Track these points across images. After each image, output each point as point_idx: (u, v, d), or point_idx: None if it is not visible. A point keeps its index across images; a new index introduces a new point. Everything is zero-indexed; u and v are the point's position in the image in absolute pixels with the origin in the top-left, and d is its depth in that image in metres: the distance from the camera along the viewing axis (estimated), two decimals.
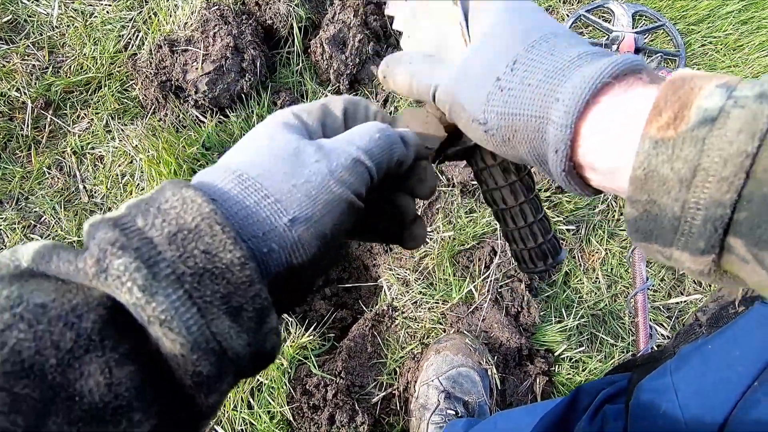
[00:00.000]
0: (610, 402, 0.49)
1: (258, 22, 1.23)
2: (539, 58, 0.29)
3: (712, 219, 0.23)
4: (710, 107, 0.23)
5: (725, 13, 1.55)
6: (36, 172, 1.15)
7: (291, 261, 0.27)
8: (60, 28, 1.24)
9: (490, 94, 0.30)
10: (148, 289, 0.22)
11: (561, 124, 0.27)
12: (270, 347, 0.26)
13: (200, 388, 0.24)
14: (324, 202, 0.28)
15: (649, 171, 0.24)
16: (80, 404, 0.20)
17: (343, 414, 0.94)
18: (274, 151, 0.29)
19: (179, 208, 0.24)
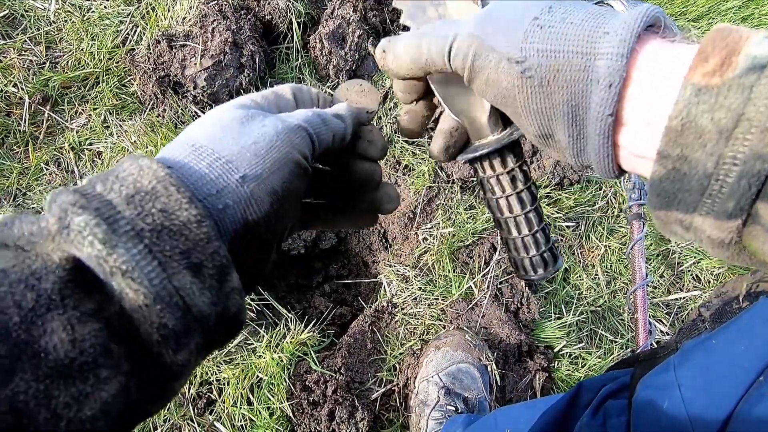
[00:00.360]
0: (613, 397, 0.49)
1: (257, 18, 1.22)
2: (573, 5, 0.28)
3: (748, 174, 0.22)
4: (760, 54, 0.22)
5: (725, 9, 1.55)
6: (34, 168, 1.15)
7: (246, 216, 0.28)
8: (57, 23, 1.23)
9: (527, 32, 0.28)
10: (108, 242, 0.23)
11: (616, 53, 0.25)
12: (234, 309, 0.27)
13: (167, 343, 0.24)
14: (272, 160, 0.30)
15: (687, 121, 0.23)
16: (46, 360, 0.21)
17: (343, 410, 0.94)
18: (224, 122, 0.31)
19: (136, 174, 0.26)
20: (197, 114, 1.18)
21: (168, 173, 0.26)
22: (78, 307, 0.22)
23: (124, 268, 0.23)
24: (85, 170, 1.17)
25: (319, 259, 1.25)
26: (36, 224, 0.24)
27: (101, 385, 0.22)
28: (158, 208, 0.25)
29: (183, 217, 0.25)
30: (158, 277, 0.24)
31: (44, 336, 0.21)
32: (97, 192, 0.25)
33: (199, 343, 0.26)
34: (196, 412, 0.97)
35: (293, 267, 1.23)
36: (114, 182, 0.25)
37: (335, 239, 1.21)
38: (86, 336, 0.22)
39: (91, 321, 0.22)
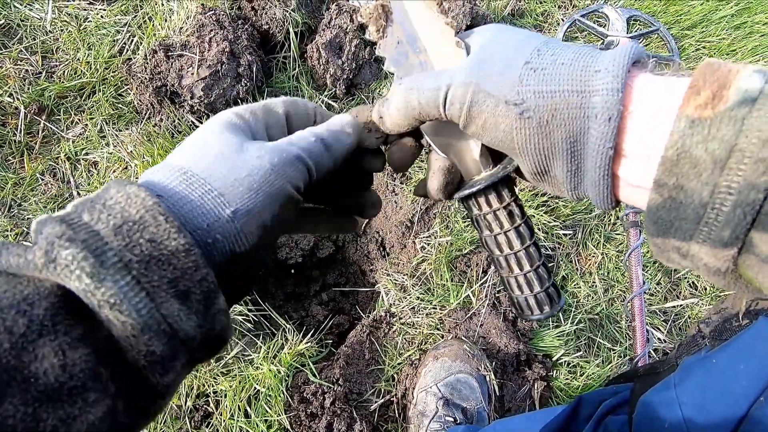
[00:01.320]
0: (613, 413, 0.49)
1: (254, 27, 1.22)
2: (560, 47, 0.29)
3: (743, 204, 0.22)
4: (750, 88, 0.23)
5: (718, 18, 1.56)
6: (29, 179, 1.14)
7: (234, 249, 0.29)
8: (53, 33, 1.23)
9: (522, 75, 0.29)
10: (96, 276, 0.23)
11: (611, 88, 0.26)
12: (219, 329, 0.28)
13: (154, 368, 0.25)
14: (265, 194, 0.30)
15: (682, 151, 0.24)
16: (36, 385, 0.21)
17: (341, 422, 0.94)
18: (217, 149, 0.30)
19: (123, 203, 0.26)
20: (194, 124, 1.18)
21: (156, 202, 0.26)
22: (69, 333, 0.23)
23: (112, 301, 0.23)
24: (81, 180, 1.16)
25: (316, 268, 1.25)
26: (22, 257, 0.24)
27: (89, 408, 0.23)
28: (146, 238, 0.25)
29: (171, 247, 0.25)
30: (146, 308, 0.24)
31: (35, 362, 0.21)
32: (83, 222, 0.25)
33: (184, 364, 0.27)
34: (192, 425, 0.96)
35: (290, 276, 1.23)
36: (101, 211, 0.25)
37: (333, 248, 1.21)
38: (76, 360, 0.22)
39: (81, 346, 0.23)
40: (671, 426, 0.39)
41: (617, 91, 0.26)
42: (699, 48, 1.53)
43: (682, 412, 0.39)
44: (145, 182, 0.29)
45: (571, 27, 1.51)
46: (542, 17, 1.54)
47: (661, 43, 1.54)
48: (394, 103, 0.34)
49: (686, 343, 0.47)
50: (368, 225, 1.24)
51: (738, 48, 1.53)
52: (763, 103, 0.22)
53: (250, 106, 0.35)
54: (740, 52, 1.52)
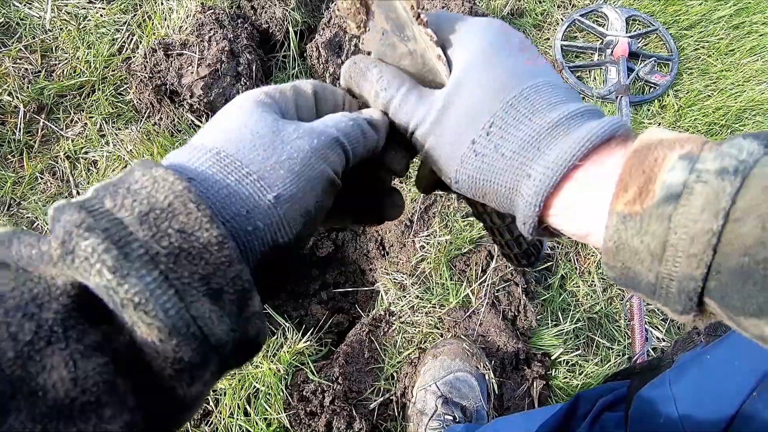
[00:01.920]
0: (610, 409, 0.49)
1: (253, 26, 1.23)
2: (516, 122, 0.29)
3: (685, 290, 0.23)
4: (673, 183, 0.23)
5: (717, 17, 1.56)
6: (28, 177, 1.14)
7: (276, 239, 0.26)
8: (53, 32, 1.23)
9: (464, 156, 0.30)
10: (119, 271, 0.20)
11: (530, 202, 0.28)
12: (254, 333, 0.25)
13: (182, 377, 0.22)
14: (307, 179, 0.27)
15: (619, 243, 0.25)
16: (44, 400, 0.19)
17: (341, 420, 0.94)
18: (252, 128, 0.28)
19: (150, 188, 0.23)
20: (194, 123, 1.18)
21: (186, 187, 0.23)
22: (82, 340, 0.20)
23: (137, 300, 0.20)
24: (80, 179, 1.16)
25: (316, 267, 1.25)
26: (36, 247, 0.21)
27: (104, 424, 0.20)
28: (176, 228, 0.22)
29: (203, 239, 0.22)
30: (174, 308, 0.21)
31: (42, 373, 0.19)
32: (105, 209, 0.22)
33: (214, 372, 0.24)
34: (192, 424, 0.96)
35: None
36: (125, 197, 0.22)
37: (332, 247, 1.21)
38: (89, 372, 0.20)
39: (95, 355, 0.20)
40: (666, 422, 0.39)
41: (534, 206, 0.28)
42: (698, 48, 1.53)
43: (677, 409, 0.39)
44: (173, 165, 0.26)
45: (570, 26, 1.51)
46: (541, 16, 1.55)
47: (660, 42, 1.54)
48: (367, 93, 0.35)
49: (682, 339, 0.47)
50: None
51: (736, 48, 1.53)
52: (687, 199, 0.22)
53: (279, 86, 0.32)
54: (738, 52, 1.52)
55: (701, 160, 0.23)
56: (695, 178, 0.22)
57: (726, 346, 0.40)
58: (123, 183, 0.23)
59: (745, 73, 1.48)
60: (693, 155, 0.23)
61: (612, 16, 1.52)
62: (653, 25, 1.53)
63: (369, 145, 0.33)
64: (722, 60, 1.51)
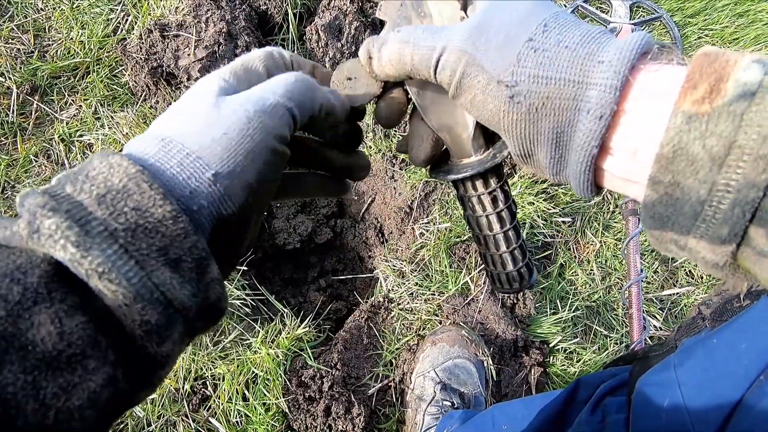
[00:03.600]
0: (611, 394, 0.49)
1: (252, 8, 1.20)
2: (569, 25, 0.28)
3: (742, 202, 0.22)
4: (750, 81, 0.22)
5: (722, 5, 1.55)
6: (22, 160, 1.12)
7: (221, 213, 0.28)
8: (46, 11, 1.20)
9: (520, 54, 0.27)
10: (82, 245, 0.23)
11: (610, 85, 0.25)
12: (215, 297, 0.27)
13: (151, 337, 0.24)
14: (245, 152, 0.28)
15: (678, 148, 0.23)
16: (34, 353, 0.21)
17: (339, 406, 0.94)
18: (194, 110, 0.29)
19: (106, 173, 0.25)
20: None
21: (139, 170, 0.25)
22: (65, 300, 0.22)
23: (101, 269, 0.23)
24: (75, 162, 1.15)
25: (314, 254, 1.24)
26: (8, 229, 0.24)
27: (89, 375, 0.22)
28: (131, 206, 0.24)
29: (158, 214, 0.25)
30: (136, 276, 0.23)
31: (32, 329, 0.21)
32: (66, 193, 0.25)
33: (182, 332, 0.26)
34: (190, 408, 0.96)
35: (288, 262, 1.22)
36: (84, 182, 0.25)
37: (331, 234, 1.21)
38: (74, 328, 0.22)
39: (77, 314, 0.22)
40: (670, 406, 0.39)
41: (615, 89, 0.25)
42: (702, 36, 1.52)
43: (682, 393, 0.39)
44: (127, 153, 0.28)
45: (573, 13, 1.49)
46: None
47: (664, 30, 1.52)
48: (386, 52, 0.32)
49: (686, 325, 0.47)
50: (367, 211, 1.23)
51: (741, 36, 1.52)
52: (762, 97, 0.21)
53: (228, 66, 0.33)
54: (743, 40, 1.51)
55: None
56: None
57: (733, 330, 0.40)
58: (82, 171, 0.26)
59: None
60: (765, 61, 0.22)
61: (615, 3, 1.50)
62: (657, 12, 1.51)
63: (322, 100, 0.32)
64: (726, 48, 1.50)
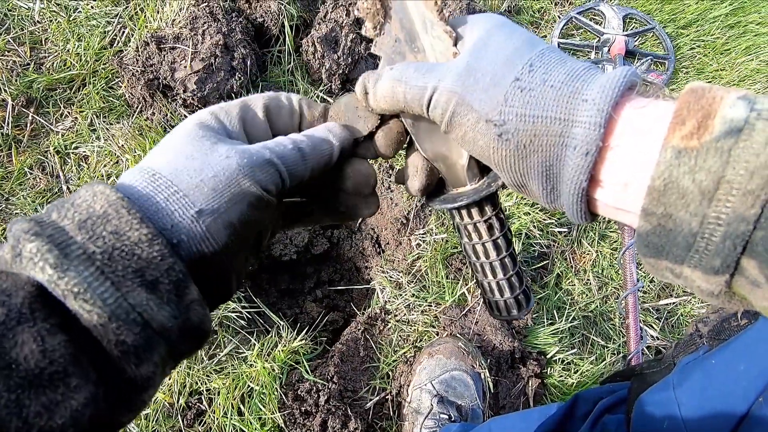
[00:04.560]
0: (610, 411, 0.49)
1: (248, 20, 1.21)
2: (553, 63, 0.29)
3: (732, 235, 0.22)
4: (736, 118, 0.22)
5: (713, 17, 1.57)
6: (17, 173, 1.12)
7: (201, 250, 0.29)
8: (42, 23, 1.20)
9: (508, 94, 0.29)
10: (59, 267, 0.24)
11: (593, 122, 0.26)
12: (197, 319, 0.27)
13: (128, 358, 0.25)
14: (231, 195, 0.30)
15: (669, 182, 0.24)
16: (17, 371, 0.22)
17: (336, 420, 0.93)
18: (187, 150, 0.31)
19: (90, 200, 0.27)
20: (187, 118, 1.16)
21: (120, 197, 0.27)
22: (47, 320, 0.23)
23: (76, 290, 0.24)
24: (70, 175, 1.14)
25: (310, 264, 1.24)
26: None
27: (71, 393, 0.23)
28: (109, 230, 0.26)
29: (134, 237, 0.26)
30: (112, 297, 0.24)
31: (15, 347, 0.22)
32: (51, 219, 0.26)
33: (164, 356, 0.26)
34: (185, 423, 0.95)
35: (285, 272, 1.22)
36: (68, 209, 0.26)
37: (327, 244, 1.20)
38: (56, 346, 0.23)
39: (59, 333, 0.23)
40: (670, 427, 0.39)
41: (599, 126, 0.26)
42: (694, 47, 1.54)
43: (681, 413, 0.39)
44: (118, 185, 0.30)
45: (567, 24, 1.50)
46: (539, 14, 1.54)
47: (657, 41, 1.54)
48: (381, 89, 0.34)
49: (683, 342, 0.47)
50: (363, 222, 1.23)
51: (732, 47, 1.54)
52: (748, 134, 0.22)
53: (227, 105, 0.34)
54: (734, 51, 1.53)
55: (759, 102, 0.23)
56: (756, 116, 0.22)
57: (731, 351, 0.40)
58: (69, 200, 0.27)
59: (740, 73, 1.49)
60: (750, 97, 0.23)
61: (609, 14, 1.52)
62: (650, 23, 1.53)
63: (313, 164, 0.34)
64: (718, 59, 1.51)
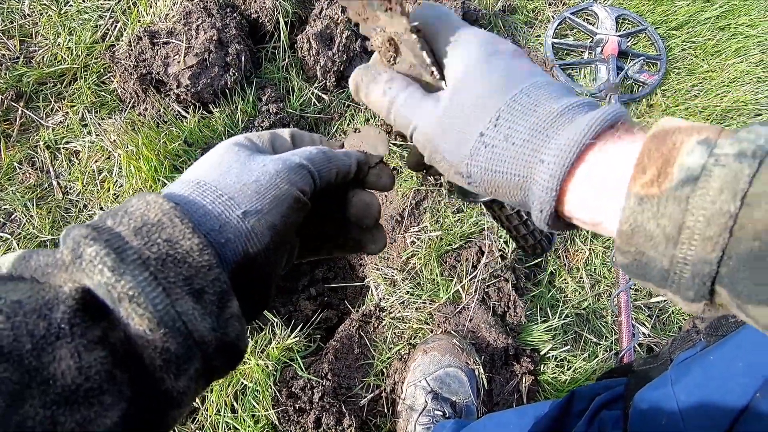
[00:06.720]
0: (607, 408, 0.49)
1: (243, 16, 1.20)
2: (522, 114, 0.30)
3: (699, 274, 0.23)
4: (692, 166, 0.23)
5: (704, 19, 1.59)
6: (6, 167, 1.10)
7: (247, 249, 0.30)
8: (32, 17, 1.18)
9: (473, 149, 0.31)
10: (117, 270, 0.25)
11: (546, 186, 0.28)
12: (234, 335, 0.28)
13: (169, 368, 0.25)
14: (272, 197, 0.32)
15: (635, 226, 0.25)
16: (54, 387, 0.22)
17: (330, 417, 0.93)
18: (227, 161, 0.33)
19: (143, 209, 0.28)
20: (180, 113, 1.15)
21: (173, 206, 0.28)
22: (85, 335, 0.23)
23: (131, 293, 0.24)
24: (61, 170, 1.13)
25: (304, 262, 1.23)
26: (51, 256, 0.26)
27: (105, 411, 0.23)
28: (163, 238, 0.27)
29: (186, 246, 0.27)
30: (162, 303, 0.25)
31: (53, 362, 0.22)
32: (107, 225, 0.27)
33: (199, 370, 0.27)
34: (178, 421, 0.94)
35: None
36: (123, 216, 0.28)
37: None
38: (92, 363, 0.23)
39: (96, 348, 0.23)
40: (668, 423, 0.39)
41: (551, 190, 0.28)
42: (685, 48, 1.55)
43: (680, 409, 0.39)
44: (165, 194, 0.31)
45: (560, 24, 1.51)
46: (533, 14, 1.55)
47: (649, 42, 1.55)
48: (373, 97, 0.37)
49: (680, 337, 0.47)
50: None
51: (722, 49, 1.56)
52: (705, 181, 0.23)
53: (258, 132, 0.38)
54: (724, 53, 1.55)
55: (719, 146, 0.23)
56: (714, 162, 0.23)
57: (730, 347, 0.40)
58: (122, 208, 0.29)
59: (730, 74, 1.51)
60: (711, 141, 0.23)
61: (602, 15, 1.53)
62: (642, 24, 1.54)
63: (338, 167, 0.37)
64: (709, 60, 1.53)
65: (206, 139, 1.13)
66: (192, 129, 1.11)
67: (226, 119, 1.14)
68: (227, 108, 1.15)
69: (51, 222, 1.08)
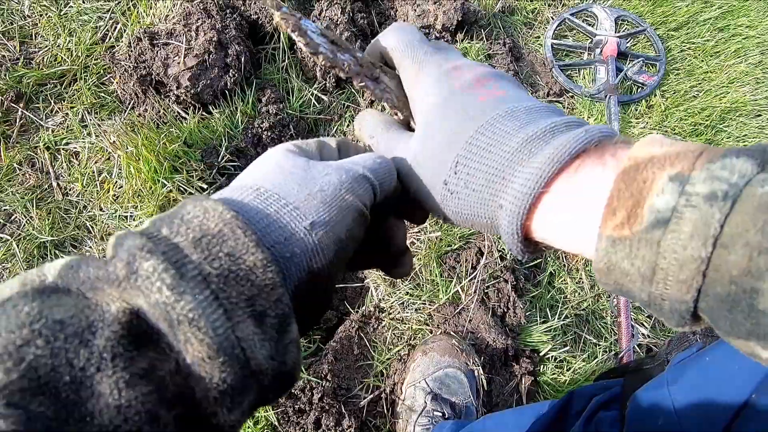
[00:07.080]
0: (604, 408, 0.49)
1: (242, 17, 1.20)
2: (478, 157, 0.30)
3: (678, 311, 0.23)
4: (662, 208, 0.22)
5: (703, 20, 1.59)
6: (6, 168, 1.10)
7: (312, 265, 0.28)
8: (32, 18, 1.19)
9: (442, 196, 0.32)
10: (176, 288, 0.22)
11: (508, 231, 0.28)
12: (291, 363, 0.26)
13: (224, 400, 0.23)
14: (338, 208, 0.29)
15: (610, 265, 0.25)
16: (91, 425, 0.20)
17: (330, 418, 0.93)
18: (285, 167, 0.30)
19: (201, 217, 0.25)
20: (180, 114, 1.15)
21: (234, 215, 0.25)
22: (128, 368, 0.21)
23: (191, 316, 0.22)
24: (61, 171, 1.13)
25: None
26: (103, 269, 0.23)
27: None
28: (225, 251, 0.24)
29: (249, 262, 0.24)
30: (222, 327, 0.22)
31: (92, 398, 0.20)
32: (163, 235, 0.24)
33: (252, 402, 0.25)
34: None
35: None
36: (180, 225, 0.25)
37: None
38: (132, 402, 0.21)
39: (140, 384, 0.21)
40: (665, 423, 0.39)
41: (513, 234, 0.28)
42: (684, 49, 1.55)
43: (676, 410, 0.40)
44: (220, 198, 0.28)
45: (560, 25, 1.51)
46: (532, 15, 1.55)
47: (648, 43, 1.56)
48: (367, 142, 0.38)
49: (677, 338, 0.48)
50: None
51: (721, 50, 1.56)
52: (676, 224, 0.22)
53: (304, 140, 0.36)
54: (723, 54, 1.55)
55: (691, 181, 0.22)
56: (685, 203, 0.22)
57: (726, 349, 0.40)
58: (176, 214, 0.26)
59: (729, 75, 1.51)
60: (683, 176, 0.23)
61: (601, 16, 1.53)
62: (641, 25, 1.54)
63: (395, 182, 0.35)
64: (708, 61, 1.53)
65: (206, 140, 1.13)
66: (192, 130, 1.11)
67: (226, 120, 1.14)
68: (227, 109, 1.15)
69: (51, 223, 1.08)
